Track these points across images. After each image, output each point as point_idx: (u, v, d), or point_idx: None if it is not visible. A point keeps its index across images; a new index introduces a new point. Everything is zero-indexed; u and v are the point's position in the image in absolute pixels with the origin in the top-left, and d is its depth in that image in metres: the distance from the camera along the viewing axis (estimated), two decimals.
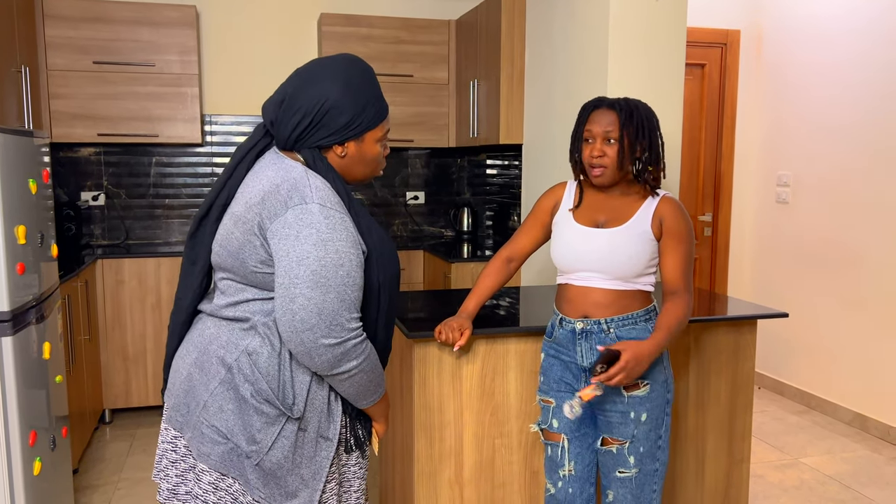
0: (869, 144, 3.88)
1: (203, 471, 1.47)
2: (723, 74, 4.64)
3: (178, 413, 1.50)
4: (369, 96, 1.47)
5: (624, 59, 2.95)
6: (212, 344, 1.47)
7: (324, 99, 1.43)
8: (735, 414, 2.52)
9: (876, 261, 3.86)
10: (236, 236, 1.43)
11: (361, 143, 1.49)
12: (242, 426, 1.42)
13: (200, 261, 1.53)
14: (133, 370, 3.96)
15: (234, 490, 1.46)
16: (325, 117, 1.43)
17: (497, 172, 4.49)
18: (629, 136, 1.83)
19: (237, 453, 1.43)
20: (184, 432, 1.48)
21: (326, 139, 1.45)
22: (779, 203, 4.52)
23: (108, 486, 3.22)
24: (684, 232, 1.87)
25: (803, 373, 4.36)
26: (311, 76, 1.45)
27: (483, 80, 4.04)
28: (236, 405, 1.43)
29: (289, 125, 1.44)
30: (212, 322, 1.51)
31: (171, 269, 3.95)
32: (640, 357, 1.76)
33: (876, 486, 3.28)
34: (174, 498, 1.51)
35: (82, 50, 3.93)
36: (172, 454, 1.52)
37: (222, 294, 1.50)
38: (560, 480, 2.00)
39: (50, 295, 2.60)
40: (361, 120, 1.46)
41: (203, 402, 1.44)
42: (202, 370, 1.47)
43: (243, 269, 1.43)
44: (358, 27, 4.28)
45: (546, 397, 2.03)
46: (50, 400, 2.51)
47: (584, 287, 1.92)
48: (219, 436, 1.43)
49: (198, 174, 4.47)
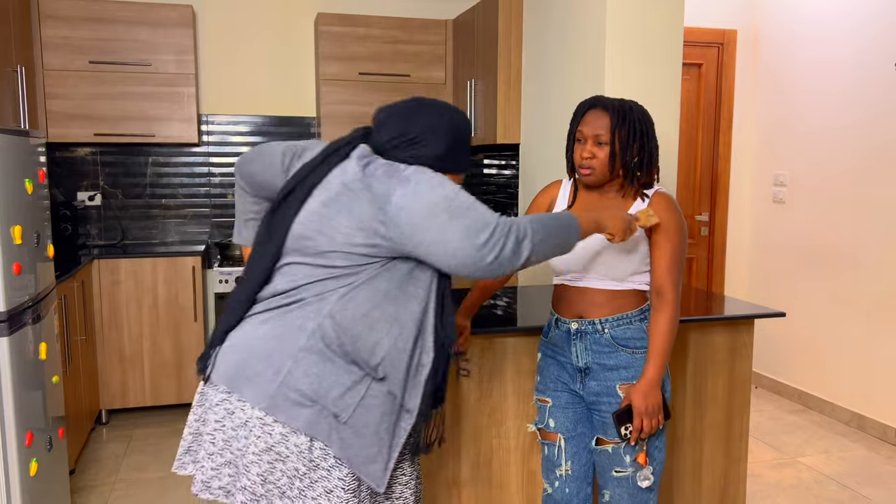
0: (866, 144, 3.89)
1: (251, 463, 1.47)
2: (720, 74, 4.64)
3: (248, 386, 1.49)
4: (463, 150, 1.65)
5: (621, 59, 2.95)
6: (288, 314, 1.51)
7: (430, 127, 1.59)
8: (732, 413, 2.52)
9: (873, 260, 3.86)
10: (326, 216, 1.50)
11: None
12: (329, 388, 1.47)
13: (276, 239, 1.56)
14: (130, 371, 3.95)
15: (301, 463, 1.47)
16: (423, 141, 1.58)
17: (494, 172, 4.49)
18: (620, 140, 1.82)
19: (324, 415, 1.46)
20: (258, 402, 1.47)
21: (415, 159, 1.58)
22: (775, 203, 4.53)
23: (104, 486, 3.22)
24: (673, 228, 1.85)
25: (801, 372, 4.36)
26: (428, 106, 1.62)
27: (480, 80, 4.04)
28: (322, 367, 1.47)
29: (390, 133, 1.58)
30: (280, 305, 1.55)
31: (167, 270, 3.94)
32: (646, 392, 1.80)
33: (873, 485, 3.28)
34: (207, 491, 1.55)
35: (78, 50, 3.92)
36: (210, 446, 1.54)
37: (285, 276, 1.55)
38: (557, 480, 2.00)
39: (46, 295, 2.60)
40: (446, 160, 1.61)
41: (286, 368, 1.47)
42: (280, 339, 1.49)
43: (330, 244, 1.49)
44: (355, 27, 4.27)
45: (543, 397, 2.02)
46: (46, 401, 2.50)
47: (579, 287, 1.92)
48: (306, 399, 1.46)
49: (194, 174, 4.46)
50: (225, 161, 4.50)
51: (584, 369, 1.93)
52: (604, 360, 1.89)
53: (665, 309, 1.83)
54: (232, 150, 4.51)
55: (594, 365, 1.91)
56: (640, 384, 1.81)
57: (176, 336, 3.99)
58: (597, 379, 1.90)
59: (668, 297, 1.83)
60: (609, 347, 1.89)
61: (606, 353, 1.89)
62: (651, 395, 1.80)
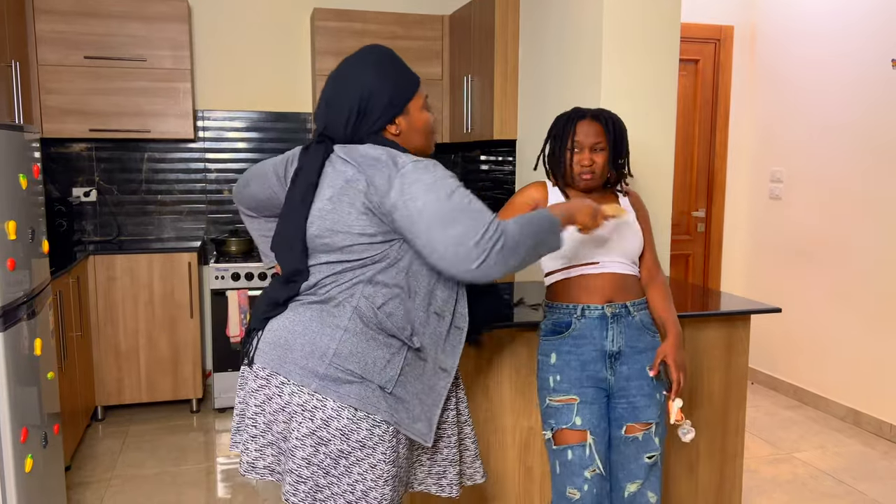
0: (862, 141, 3.89)
1: (295, 448, 1.55)
2: (716, 70, 4.64)
3: (294, 370, 1.57)
4: (398, 72, 1.65)
5: (618, 56, 2.95)
6: (326, 304, 1.59)
7: (360, 89, 1.60)
8: (728, 409, 2.52)
9: (868, 256, 3.87)
10: (335, 213, 1.56)
11: (408, 115, 1.66)
12: (373, 362, 1.56)
13: (292, 241, 1.62)
14: (126, 367, 3.94)
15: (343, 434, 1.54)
16: (369, 104, 1.60)
17: (491, 168, 4.48)
18: (614, 146, 1.98)
19: (371, 388, 1.55)
20: (307, 384, 1.55)
21: (377, 122, 1.61)
22: (772, 199, 4.53)
23: (100, 483, 3.21)
24: (648, 220, 2.12)
25: (796, 368, 4.37)
26: (343, 74, 1.64)
27: (477, 76, 4.03)
28: (366, 345, 1.56)
29: (340, 123, 1.61)
30: (316, 298, 1.62)
31: (163, 266, 3.93)
32: (679, 349, 1.94)
33: (869, 480, 3.29)
34: (253, 470, 1.66)
35: (73, 45, 3.90)
36: (252, 429, 1.63)
37: (313, 275, 1.62)
38: (587, 483, 1.94)
39: (41, 291, 2.59)
40: (399, 94, 1.63)
41: (332, 350, 1.55)
42: (321, 323, 1.58)
43: (344, 241, 1.56)
44: (351, 22, 4.26)
45: (566, 396, 1.96)
46: (41, 397, 2.49)
47: (604, 273, 1.98)
48: (354, 377, 1.55)
49: (190, 170, 4.45)
50: (221, 157, 4.49)
51: (615, 354, 1.98)
52: (635, 342, 1.99)
53: (660, 282, 2.07)
54: (228, 145, 4.50)
55: (626, 348, 1.98)
56: (672, 341, 1.94)
57: (172, 332, 3.98)
58: (628, 363, 1.98)
59: (658, 274, 2.09)
60: (639, 330, 2.00)
61: (637, 336, 1.99)
62: (682, 350, 1.94)
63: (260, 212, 1.89)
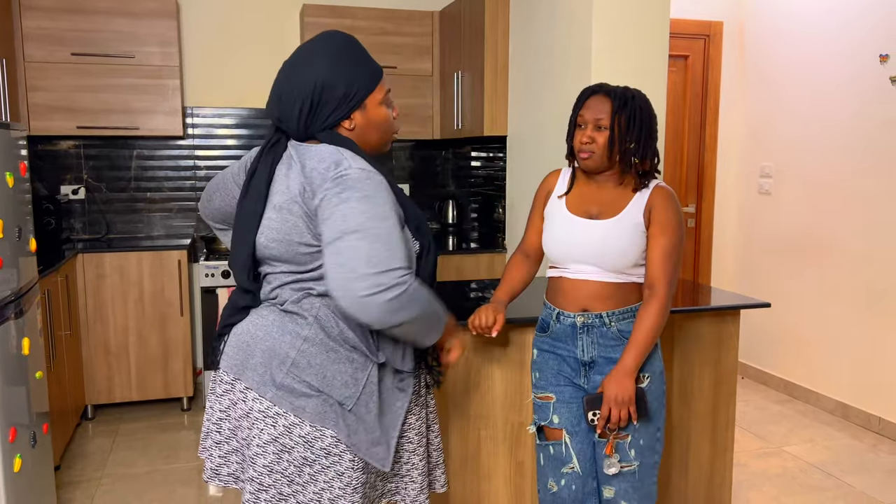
0: (851, 136, 3.91)
1: (256, 455, 1.48)
2: (706, 66, 4.65)
3: (253, 376, 1.50)
4: (357, 63, 1.51)
5: (607, 51, 2.95)
6: (288, 310, 1.52)
7: (315, 80, 1.47)
8: (719, 404, 2.53)
9: (857, 251, 3.89)
10: (284, 222, 1.47)
11: (365, 110, 1.53)
12: (333, 376, 1.48)
13: (242, 256, 1.55)
14: (115, 365, 3.92)
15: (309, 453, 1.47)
16: (322, 96, 1.48)
17: (481, 164, 4.48)
18: (619, 126, 1.81)
19: (330, 403, 1.47)
20: (263, 392, 1.48)
21: (332, 117, 1.49)
22: (761, 194, 4.55)
23: (90, 482, 3.19)
24: (670, 222, 1.84)
25: (786, 362, 4.40)
26: (298, 63, 1.50)
27: (467, 72, 4.03)
28: (325, 357, 1.48)
29: (293, 116, 1.49)
30: (277, 304, 1.56)
31: (153, 264, 3.91)
32: (620, 380, 1.80)
33: (857, 473, 3.32)
34: (216, 478, 1.59)
35: (60, 41, 3.87)
36: (217, 435, 1.58)
37: (269, 284, 1.56)
38: (564, 478, 1.95)
39: (29, 290, 2.57)
40: (357, 87, 1.50)
41: (291, 359, 1.48)
42: (283, 329, 1.50)
43: (292, 252, 1.48)
44: (341, 18, 4.24)
45: (544, 394, 1.97)
46: (30, 396, 2.48)
47: (581, 280, 1.88)
48: (311, 390, 1.47)
49: (179, 167, 4.43)
50: (210, 154, 4.47)
51: (589, 363, 1.91)
52: (610, 353, 1.89)
53: (654, 302, 1.82)
54: (217, 142, 4.48)
55: (600, 358, 1.90)
56: (614, 372, 1.81)
57: (162, 330, 3.97)
58: (602, 372, 1.89)
59: (658, 291, 1.83)
60: (615, 340, 1.88)
61: (612, 347, 1.88)
62: (624, 384, 1.79)
63: (230, 224, 1.77)
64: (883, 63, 3.70)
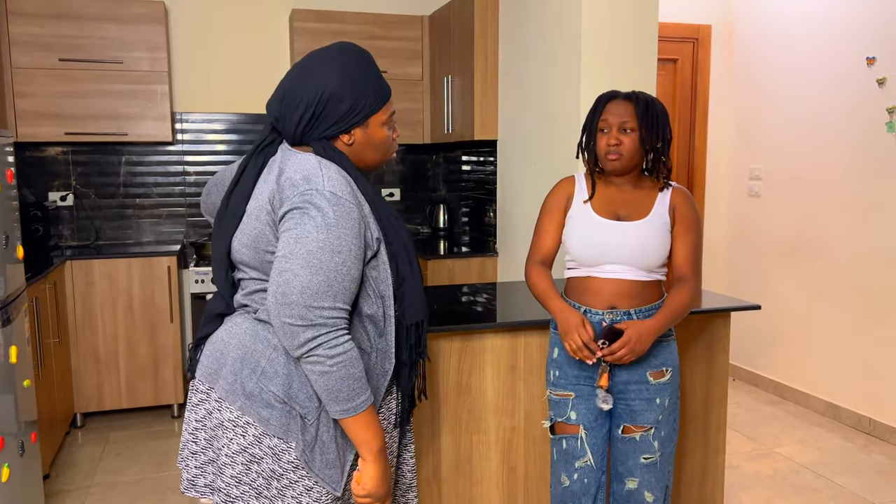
0: (839, 137, 3.93)
1: (224, 465, 1.45)
2: (695, 69, 4.67)
3: (224, 384, 1.47)
4: (367, 80, 1.48)
5: (596, 55, 2.96)
6: (261, 315, 1.49)
7: (322, 89, 1.44)
8: (710, 406, 2.54)
9: (846, 252, 3.91)
10: (253, 228, 1.45)
11: (367, 128, 1.50)
12: (297, 388, 1.44)
13: (219, 256, 1.54)
14: (105, 373, 3.89)
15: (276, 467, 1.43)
16: (326, 107, 1.44)
17: (472, 168, 4.48)
18: (646, 127, 1.89)
19: (293, 416, 1.43)
20: (233, 401, 1.45)
21: (331, 129, 1.46)
22: (751, 196, 4.57)
23: (80, 490, 3.17)
24: (694, 221, 1.96)
25: (777, 364, 4.41)
26: (307, 68, 1.47)
27: (457, 76, 4.03)
28: (294, 367, 1.44)
29: (292, 120, 1.46)
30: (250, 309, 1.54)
31: (142, 270, 3.89)
32: (642, 334, 1.83)
33: (848, 473, 3.33)
34: (192, 489, 1.54)
35: (48, 47, 3.85)
36: (193, 445, 1.53)
37: (242, 290, 1.54)
38: (576, 472, 2.00)
39: (16, 297, 2.55)
40: (363, 105, 1.47)
41: (261, 369, 1.45)
42: (255, 337, 1.47)
43: (259, 260, 1.45)
44: (330, 23, 4.24)
45: (563, 391, 2.00)
46: (18, 405, 2.45)
47: (611, 279, 1.93)
48: (277, 400, 1.43)
49: (169, 173, 4.41)
50: (200, 160, 4.45)
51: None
52: None
53: (686, 286, 1.93)
54: (207, 148, 4.46)
55: None
56: (642, 325, 1.84)
57: (152, 337, 3.94)
58: (626, 368, 1.95)
59: (690, 279, 1.94)
60: None
61: None
62: (644, 338, 1.84)
63: None
64: (870, 66, 3.73)
